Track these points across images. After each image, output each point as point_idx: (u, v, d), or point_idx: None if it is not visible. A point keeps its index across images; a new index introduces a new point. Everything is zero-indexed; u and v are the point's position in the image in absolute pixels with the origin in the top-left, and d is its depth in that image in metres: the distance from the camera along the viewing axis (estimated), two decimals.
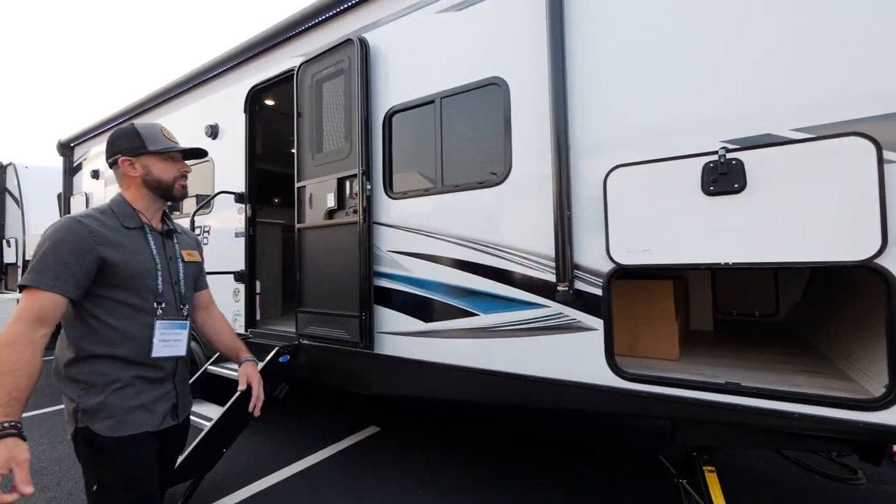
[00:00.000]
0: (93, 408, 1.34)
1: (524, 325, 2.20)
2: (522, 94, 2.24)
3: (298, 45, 3.27)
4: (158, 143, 1.50)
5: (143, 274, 1.43)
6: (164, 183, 1.52)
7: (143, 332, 1.43)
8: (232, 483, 2.86)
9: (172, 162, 1.54)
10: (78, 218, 1.36)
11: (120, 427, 1.35)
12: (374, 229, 2.72)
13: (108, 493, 1.36)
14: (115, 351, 1.38)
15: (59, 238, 1.31)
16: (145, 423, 1.41)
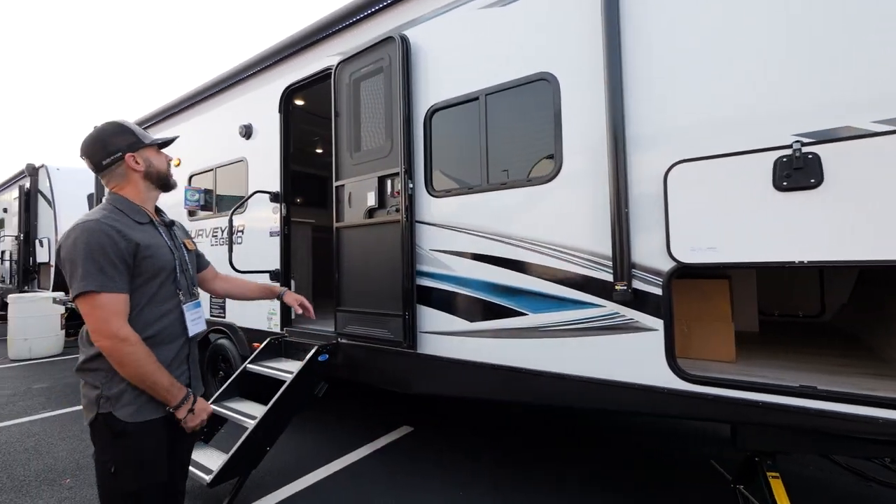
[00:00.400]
0: (115, 394, 1.39)
1: (576, 325, 2.15)
2: (573, 89, 2.20)
3: (335, 44, 3.26)
4: (146, 136, 1.56)
5: (165, 265, 1.50)
6: (164, 173, 1.59)
7: (171, 318, 1.52)
8: (274, 481, 2.87)
9: (160, 153, 1.60)
10: (99, 220, 1.38)
11: (140, 413, 1.42)
12: (415, 228, 2.70)
13: (123, 475, 1.41)
14: (151, 337, 1.44)
15: (96, 242, 1.34)
16: (161, 407, 1.46)
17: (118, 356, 1.33)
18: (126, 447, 1.40)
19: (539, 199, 2.28)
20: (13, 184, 9.09)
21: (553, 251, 2.23)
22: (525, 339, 2.31)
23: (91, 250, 1.33)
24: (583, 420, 3.93)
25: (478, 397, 2.56)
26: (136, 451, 1.42)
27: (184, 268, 1.61)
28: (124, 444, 1.40)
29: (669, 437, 3.58)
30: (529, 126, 2.37)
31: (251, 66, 3.81)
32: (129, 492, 1.41)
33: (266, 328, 3.71)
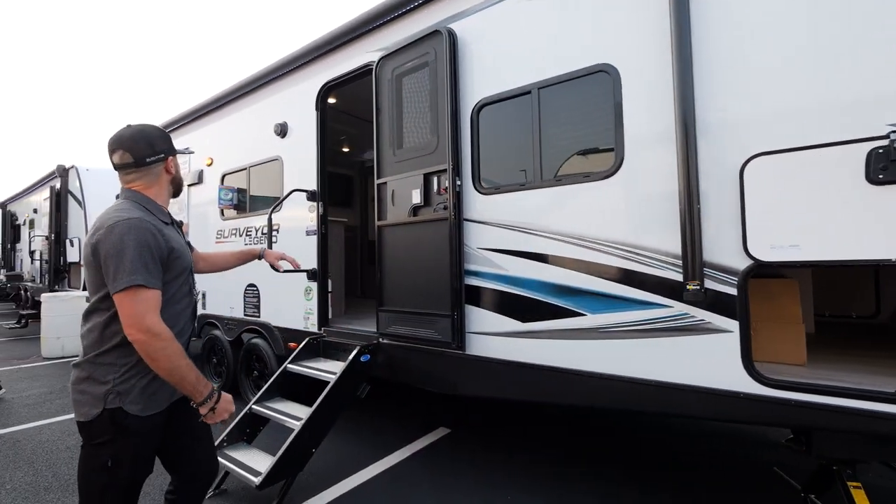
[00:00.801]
0: (127, 390, 1.43)
1: (641, 325, 2.07)
2: (636, 80, 2.11)
3: (375, 39, 3.22)
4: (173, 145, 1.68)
5: (187, 265, 1.61)
6: (180, 180, 1.71)
7: (186, 313, 1.63)
8: (317, 483, 2.83)
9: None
10: (142, 218, 1.45)
11: (148, 408, 1.48)
12: (463, 226, 2.64)
13: (119, 470, 1.43)
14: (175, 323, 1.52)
15: (143, 239, 1.40)
16: (163, 401, 1.54)
17: (152, 351, 1.36)
18: (127, 443, 1.44)
19: (599, 195, 2.20)
20: (44, 184, 9.27)
21: (614, 249, 2.15)
22: (584, 340, 2.23)
23: (140, 246, 1.39)
24: (618, 420, 3.83)
25: (530, 400, 2.49)
26: (135, 446, 1.46)
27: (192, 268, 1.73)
28: (126, 440, 1.44)
29: (710, 439, 3.47)
30: (586, 120, 2.30)
31: (287, 63, 3.79)
32: (125, 485, 1.47)
33: (303, 328, 3.68)
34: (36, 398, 4.69)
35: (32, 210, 9.99)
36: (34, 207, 9.89)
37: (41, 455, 3.32)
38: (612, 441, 3.50)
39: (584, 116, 2.30)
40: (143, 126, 1.59)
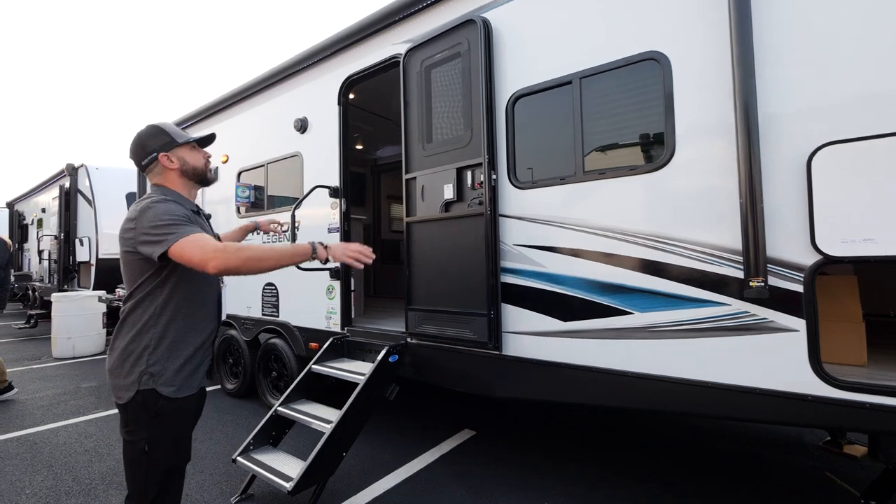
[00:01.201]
0: (159, 371, 1.49)
1: (694, 324, 1.97)
2: (689, 68, 2.02)
3: (401, 31, 3.13)
4: (181, 136, 1.65)
5: None
6: (199, 169, 1.68)
7: (215, 300, 1.71)
8: (346, 489, 2.74)
9: (197, 150, 1.69)
10: (170, 199, 1.53)
11: (182, 388, 1.53)
12: (499, 221, 2.54)
13: (157, 454, 1.50)
14: (195, 315, 1.58)
15: (176, 210, 1.48)
16: (195, 384, 1.61)
17: (232, 262, 1.40)
18: (162, 426, 1.50)
19: (647, 188, 2.11)
20: (53, 184, 9.22)
21: (664, 245, 2.05)
22: (631, 339, 2.14)
23: (176, 214, 1.47)
24: (649, 421, 3.73)
25: (572, 402, 2.39)
26: (170, 429, 1.53)
27: None
28: (160, 423, 1.50)
29: (740, 441, 3.37)
30: (632, 111, 2.20)
31: (307, 57, 3.70)
32: (164, 468, 1.52)
33: (324, 327, 3.60)
34: (50, 399, 4.62)
35: (41, 209, 9.93)
36: (42, 207, 9.84)
37: (59, 458, 3.25)
38: (640, 442, 3.41)
39: (630, 107, 2.21)
40: (140, 130, 1.65)
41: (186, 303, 1.56)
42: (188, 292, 1.57)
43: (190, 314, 1.58)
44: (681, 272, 2.01)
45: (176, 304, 1.54)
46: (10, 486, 2.86)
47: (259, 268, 1.46)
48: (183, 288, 1.55)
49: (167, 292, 1.53)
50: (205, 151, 1.74)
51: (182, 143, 1.63)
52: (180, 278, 1.55)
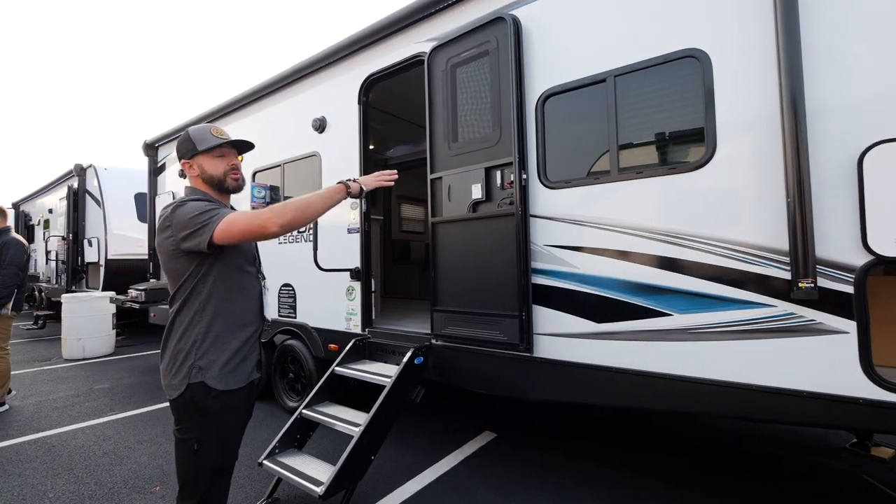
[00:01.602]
0: (207, 364, 1.52)
1: (737, 326, 1.94)
2: (730, 65, 1.99)
3: (425, 29, 3.10)
4: (206, 142, 1.64)
5: (246, 254, 1.69)
6: (216, 178, 1.66)
7: (256, 297, 1.72)
8: (372, 493, 2.71)
9: (221, 158, 1.67)
10: (199, 197, 1.59)
11: (229, 381, 1.55)
12: (529, 221, 2.51)
13: (206, 452, 1.53)
14: (237, 310, 1.61)
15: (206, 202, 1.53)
16: (243, 378, 1.62)
17: (288, 215, 1.46)
18: (211, 425, 1.53)
19: (686, 187, 2.07)
20: (60, 184, 9.19)
21: (705, 245, 2.02)
22: (670, 341, 2.10)
23: (209, 203, 1.54)
24: (671, 422, 3.70)
25: (608, 405, 2.36)
26: (218, 427, 1.55)
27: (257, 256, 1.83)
28: (209, 422, 1.53)
29: (762, 443, 3.33)
30: (670, 109, 2.17)
31: (327, 56, 3.67)
32: (213, 466, 1.56)
33: (344, 329, 3.56)
34: (64, 401, 4.59)
35: (47, 210, 9.91)
36: (49, 208, 9.81)
37: (79, 461, 3.21)
38: (661, 443, 3.37)
39: (667, 105, 2.17)
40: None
41: (228, 298, 1.59)
42: (228, 287, 1.59)
43: (233, 309, 1.60)
44: (723, 273, 1.98)
45: (218, 299, 1.57)
46: (32, 489, 2.83)
47: (309, 214, 1.53)
48: (223, 283, 1.58)
49: (208, 288, 1.56)
50: (234, 158, 1.71)
51: (200, 151, 1.64)
52: (219, 274, 1.58)
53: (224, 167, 1.66)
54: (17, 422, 4.02)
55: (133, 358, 6.64)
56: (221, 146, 1.66)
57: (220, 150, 1.67)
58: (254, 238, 1.47)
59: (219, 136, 1.66)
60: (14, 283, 4.24)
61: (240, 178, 1.72)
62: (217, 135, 1.66)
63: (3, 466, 3.14)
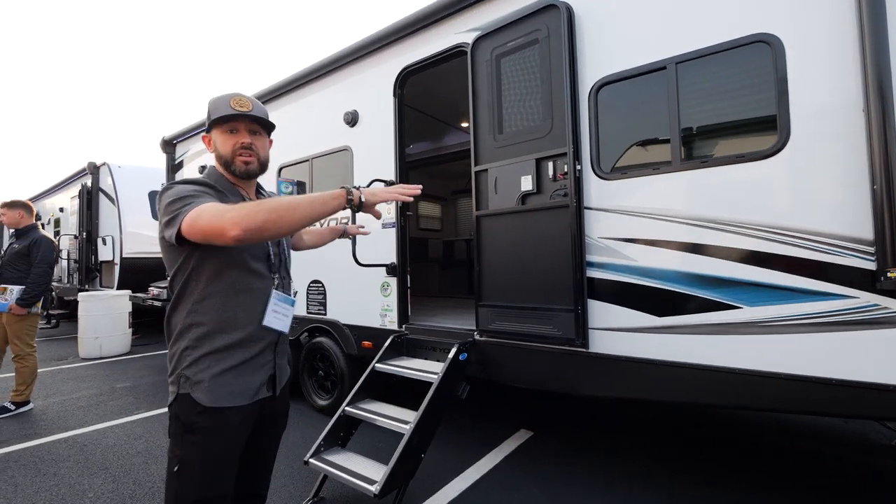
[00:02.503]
0: (198, 374, 1.31)
1: (815, 318, 1.88)
2: (805, 50, 1.92)
3: (465, 19, 3.04)
4: (218, 111, 1.40)
5: (255, 249, 1.41)
6: (224, 157, 1.42)
7: (257, 298, 1.40)
8: (420, 492, 2.65)
9: (232, 134, 1.42)
10: (192, 184, 1.33)
11: (220, 396, 1.31)
12: (583, 213, 2.45)
13: (184, 478, 1.29)
14: (226, 313, 1.34)
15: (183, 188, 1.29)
16: (241, 395, 1.35)
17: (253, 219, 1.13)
18: (194, 445, 1.29)
19: (757, 176, 2.01)
20: (71, 183, 9.13)
21: (777, 235, 1.96)
22: (738, 335, 2.04)
23: (194, 186, 1.31)
24: (702, 417, 3.64)
25: (667, 400, 2.30)
26: (204, 450, 1.30)
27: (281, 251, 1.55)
28: (192, 441, 1.29)
29: (805, 440, 3.28)
30: (738, 96, 2.10)
31: (360, 48, 3.61)
32: (192, 499, 1.28)
33: (379, 325, 3.51)
34: (87, 400, 4.53)
35: (58, 209, 9.85)
36: (60, 206, 9.75)
37: (113, 460, 3.16)
38: (695, 439, 3.32)
39: (734, 92, 2.11)
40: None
41: (227, 301, 1.34)
42: (228, 288, 1.34)
43: (233, 315, 1.35)
44: (797, 264, 1.92)
45: (215, 301, 1.33)
46: (70, 489, 2.77)
47: (290, 220, 1.16)
48: (220, 283, 1.33)
49: (202, 287, 1.33)
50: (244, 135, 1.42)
51: (214, 123, 1.41)
52: (215, 272, 1.33)
53: (232, 145, 1.40)
54: (43, 421, 3.97)
55: (149, 357, 6.58)
56: (235, 119, 1.39)
57: (232, 123, 1.40)
58: (215, 241, 1.17)
59: (237, 107, 1.39)
60: (46, 282, 4.18)
61: (252, 162, 1.42)
62: (236, 106, 1.39)
63: (38, 466, 3.08)
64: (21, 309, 4.01)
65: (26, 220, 4.26)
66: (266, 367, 1.44)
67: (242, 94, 1.42)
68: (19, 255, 4.10)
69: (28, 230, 4.23)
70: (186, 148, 5.96)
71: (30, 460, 3.18)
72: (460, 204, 7.89)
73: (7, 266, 4.10)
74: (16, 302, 3.98)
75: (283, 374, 1.54)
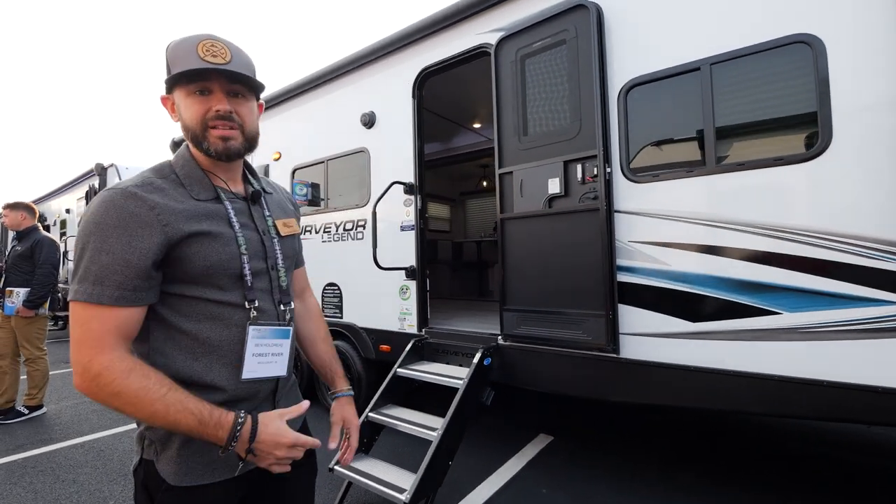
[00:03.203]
0: (161, 439, 0.95)
1: (861, 325, 1.84)
2: (848, 52, 1.88)
3: (488, 19, 3.00)
4: (179, 63, 0.93)
5: (223, 263, 0.96)
6: (192, 131, 0.97)
7: (230, 339, 0.98)
8: (445, 499, 2.61)
9: (200, 96, 0.96)
10: (130, 189, 0.89)
11: (189, 472, 0.94)
12: (613, 217, 2.41)
13: None
14: (195, 365, 0.95)
15: (108, 224, 0.86)
16: (223, 467, 0.97)
17: (99, 392, 0.84)
18: None
19: (798, 179, 1.98)
20: (78, 184, 9.08)
21: (818, 240, 1.92)
22: (777, 341, 2.01)
23: (103, 236, 0.86)
24: (733, 423, 3.60)
25: (700, 407, 2.27)
26: None
27: (269, 265, 1.07)
28: None
29: (840, 449, 3.24)
30: (776, 98, 2.06)
31: (378, 49, 3.57)
32: None
33: (398, 329, 3.47)
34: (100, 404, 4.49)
35: (65, 210, 9.81)
36: (67, 207, 9.71)
37: (131, 466, 3.12)
38: (716, 445, 3.28)
39: (773, 94, 2.07)
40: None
41: (177, 337, 0.95)
42: (181, 320, 0.95)
43: (187, 358, 0.95)
44: (840, 269, 1.88)
45: (161, 335, 0.95)
46: (91, 496, 2.74)
47: (134, 415, 0.85)
48: (168, 312, 0.95)
49: (150, 327, 0.95)
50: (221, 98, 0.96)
51: (175, 80, 0.95)
52: (162, 297, 0.95)
53: (202, 113, 0.96)
54: (58, 425, 3.94)
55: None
56: (205, 75, 0.94)
57: (201, 82, 0.95)
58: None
59: (207, 56, 0.93)
60: (51, 283, 4.14)
61: (232, 136, 0.98)
62: (206, 55, 0.93)
63: (56, 472, 3.05)
64: (28, 311, 3.97)
65: (28, 221, 4.17)
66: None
67: (216, 37, 0.96)
68: (22, 257, 4.05)
69: (30, 232, 4.16)
70: None
71: (47, 466, 3.15)
72: (469, 205, 7.85)
73: (11, 269, 4.05)
74: (23, 304, 3.94)
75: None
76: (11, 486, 2.87)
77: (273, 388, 1.07)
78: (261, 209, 1.10)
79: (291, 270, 1.17)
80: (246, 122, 1.01)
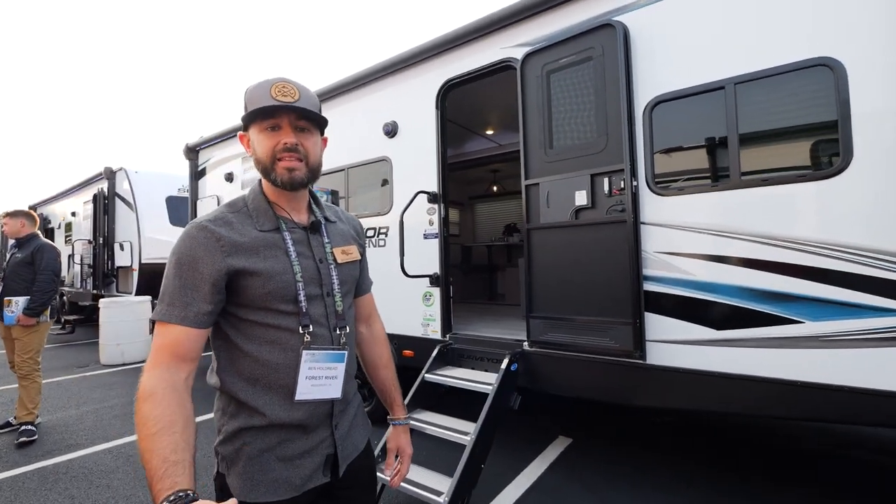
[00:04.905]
0: (231, 455, 1.04)
1: (881, 333, 1.95)
2: (866, 74, 1.99)
3: (514, 34, 3.09)
4: (254, 102, 1.05)
5: (279, 290, 1.04)
6: (263, 163, 1.07)
7: (286, 362, 1.05)
8: (475, 500, 2.70)
9: (271, 132, 1.06)
10: (203, 223, 1.02)
11: (251, 490, 1.01)
12: (639, 228, 2.51)
13: None
14: (255, 385, 1.04)
15: (184, 253, 0.99)
16: (285, 486, 1.04)
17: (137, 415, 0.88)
18: None
19: (819, 195, 2.08)
20: (85, 187, 9.10)
21: (839, 253, 2.03)
22: (799, 348, 2.11)
23: (178, 264, 0.99)
24: (758, 427, 3.72)
25: (724, 411, 2.37)
26: None
27: (325, 292, 1.13)
28: None
29: (859, 451, 3.36)
30: (798, 117, 2.17)
31: (402, 60, 3.65)
32: None
33: (421, 335, 3.56)
34: (122, 409, 4.55)
35: (70, 213, 9.82)
36: (72, 210, 9.73)
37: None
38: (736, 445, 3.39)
39: (795, 114, 2.17)
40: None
41: (239, 356, 1.05)
42: (242, 339, 1.04)
43: (251, 375, 1.04)
44: (861, 280, 1.99)
45: (227, 354, 1.06)
46: (127, 501, 2.81)
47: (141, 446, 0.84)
48: (234, 331, 1.05)
49: (221, 332, 1.07)
50: (288, 133, 1.06)
51: (250, 118, 1.06)
52: (228, 314, 1.05)
53: (272, 146, 1.05)
54: (82, 431, 3.98)
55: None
56: (276, 112, 1.04)
57: (273, 118, 1.05)
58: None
59: (279, 96, 1.03)
60: (52, 289, 3.93)
61: (297, 168, 1.07)
62: (278, 95, 1.03)
63: (89, 478, 3.11)
64: (29, 319, 3.79)
65: (27, 229, 4.04)
66: (321, 448, 1.10)
67: (287, 80, 1.06)
68: (22, 263, 3.89)
69: (29, 239, 4.01)
70: (209, 155, 5.98)
71: (79, 472, 3.20)
72: (478, 209, 7.95)
73: (10, 277, 3.88)
74: (23, 312, 3.76)
75: (348, 448, 1.17)
76: (47, 492, 2.93)
77: (329, 411, 1.11)
78: (320, 237, 1.17)
79: (350, 296, 1.23)
80: (310, 154, 1.10)
